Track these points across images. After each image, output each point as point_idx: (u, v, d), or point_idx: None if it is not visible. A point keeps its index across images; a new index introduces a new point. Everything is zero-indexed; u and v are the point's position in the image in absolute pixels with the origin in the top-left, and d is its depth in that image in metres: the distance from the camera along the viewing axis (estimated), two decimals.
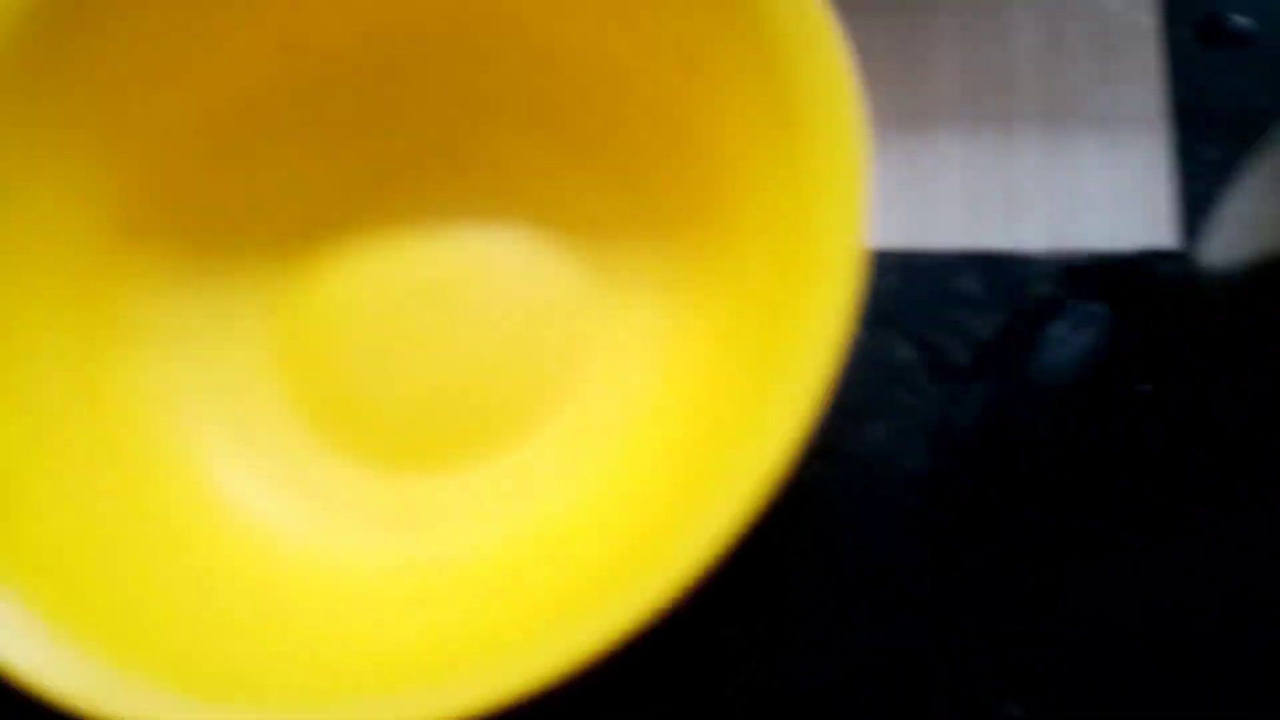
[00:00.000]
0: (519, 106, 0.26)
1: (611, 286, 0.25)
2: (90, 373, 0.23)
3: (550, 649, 0.17)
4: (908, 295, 0.26)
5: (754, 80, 0.21)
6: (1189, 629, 0.23)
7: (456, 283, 0.26)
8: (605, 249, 0.25)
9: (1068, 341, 0.25)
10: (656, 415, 0.23)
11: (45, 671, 0.18)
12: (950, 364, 0.25)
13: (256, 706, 0.18)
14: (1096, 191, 0.26)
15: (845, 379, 0.18)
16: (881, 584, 0.23)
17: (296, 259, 0.26)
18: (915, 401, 0.25)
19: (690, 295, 0.24)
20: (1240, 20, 0.27)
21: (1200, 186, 0.26)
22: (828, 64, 0.20)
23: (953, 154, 0.27)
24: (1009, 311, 0.25)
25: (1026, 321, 0.25)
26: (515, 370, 0.25)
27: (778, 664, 0.23)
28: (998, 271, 0.26)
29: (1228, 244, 0.18)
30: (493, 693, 0.16)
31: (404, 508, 0.23)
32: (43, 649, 0.18)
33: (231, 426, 0.24)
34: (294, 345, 0.25)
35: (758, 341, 0.20)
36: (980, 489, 0.24)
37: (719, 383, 0.21)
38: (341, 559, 0.23)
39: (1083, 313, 0.25)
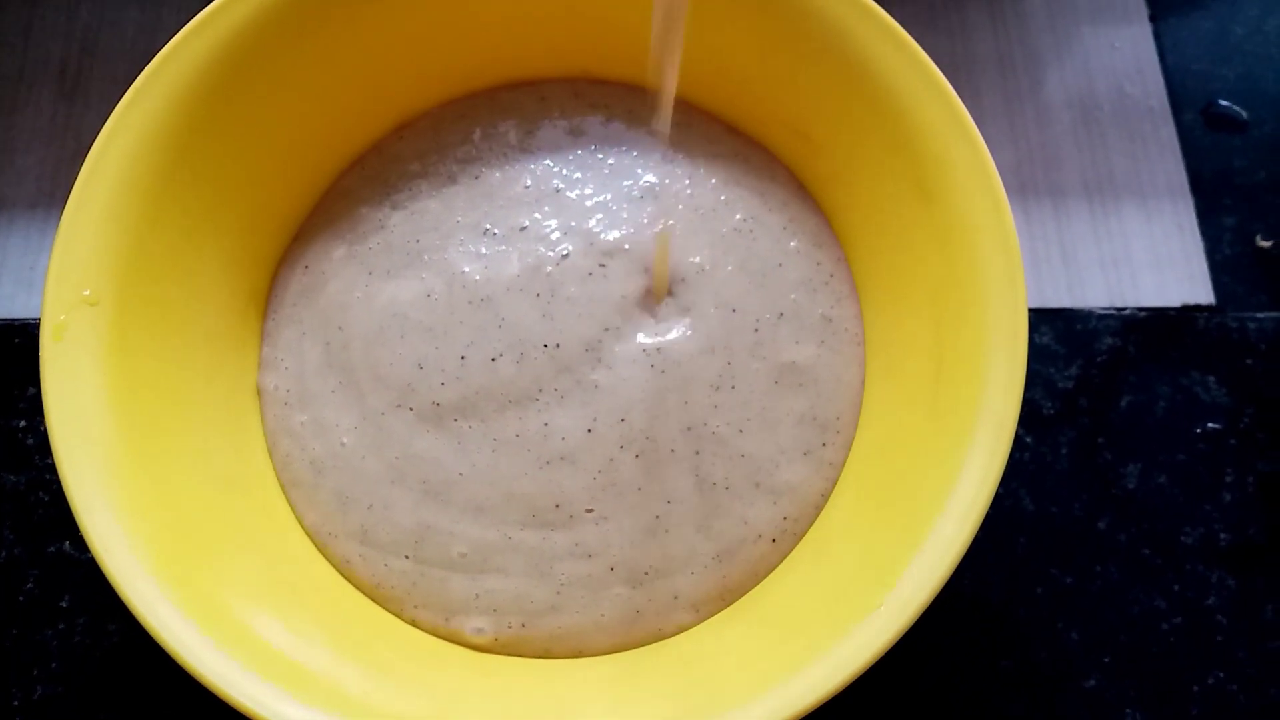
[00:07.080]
0: None
1: None
2: (242, 445, 0.23)
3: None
4: None
5: (886, 154, 0.23)
6: None
7: None
8: None
9: (1140, 388, 0.28)
10: None
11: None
12: (1039, 413, 0.27)
13: None
14: (1140, 253, 0.30)
15: None
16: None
17: None
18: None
19: None
20: (1230, 106, 0.31)
21: (1223, 249, 0.30)
22: (961, 135, 0.22)
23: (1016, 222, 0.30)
24: (1083, 364, 0.28)
25: (1101, 372, 0.28)
26: None
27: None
28: (1068, 327, 0.28)
29: None
30: None
31: None
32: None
33: None
34: None
35: (926, 388, 0.21)
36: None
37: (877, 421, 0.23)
38: None
39: (1148, 363, 0.28)
